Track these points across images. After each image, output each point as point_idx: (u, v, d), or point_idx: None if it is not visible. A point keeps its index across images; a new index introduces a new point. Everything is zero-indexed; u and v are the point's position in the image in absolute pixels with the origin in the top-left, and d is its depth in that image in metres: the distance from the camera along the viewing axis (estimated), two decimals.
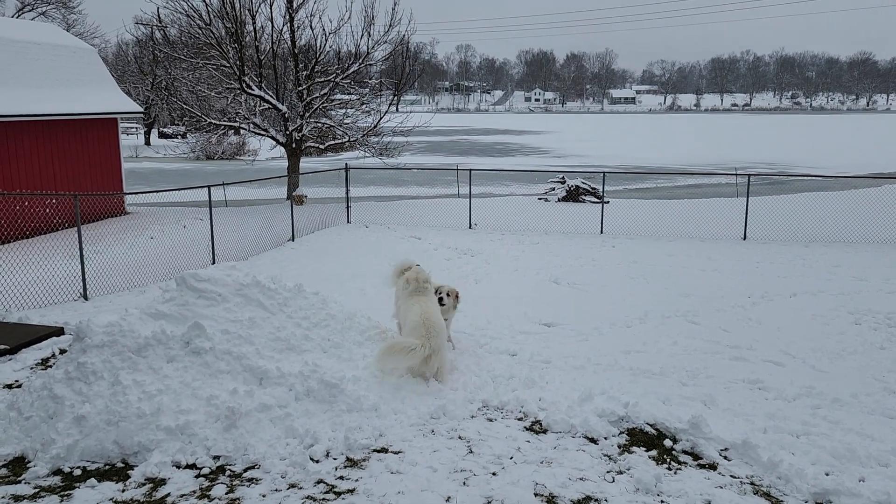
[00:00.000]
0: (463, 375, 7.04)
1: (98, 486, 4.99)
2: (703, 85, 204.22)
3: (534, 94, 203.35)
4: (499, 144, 57.95)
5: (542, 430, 5.96)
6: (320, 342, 6.63)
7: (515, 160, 42.70)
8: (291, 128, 21.14)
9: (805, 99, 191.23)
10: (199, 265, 11.67)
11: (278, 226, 15.99)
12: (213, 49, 20.16)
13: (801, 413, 6.42)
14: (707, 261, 13.42)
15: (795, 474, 5.15)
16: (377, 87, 24.23)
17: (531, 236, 16.22)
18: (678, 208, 19.87)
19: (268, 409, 5.69)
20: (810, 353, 8.17)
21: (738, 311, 10.03)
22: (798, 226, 15.86)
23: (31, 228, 15.25)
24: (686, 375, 7.36)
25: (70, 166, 17.28)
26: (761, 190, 25.82)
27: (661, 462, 5.43)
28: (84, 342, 5.91)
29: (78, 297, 10.69)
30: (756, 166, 35.85)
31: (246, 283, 6.71)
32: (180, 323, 6.19)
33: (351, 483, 5.03)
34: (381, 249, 14.54)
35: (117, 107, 18.84)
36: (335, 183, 20.10)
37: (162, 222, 17.24)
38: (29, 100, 15.98)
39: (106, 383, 5.62)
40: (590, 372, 7.48)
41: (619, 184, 29.27)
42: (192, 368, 5.88)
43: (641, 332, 9.01)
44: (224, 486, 5.00)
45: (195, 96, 22.01)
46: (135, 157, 42.66)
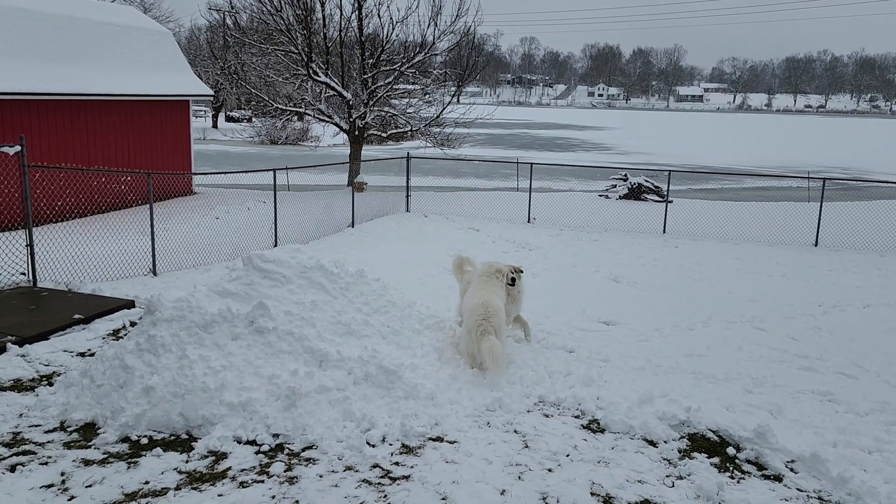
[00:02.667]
0: (520, 370, 6.98)
1: (163, 456, 5.16)
2: (775, 84, 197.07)
3: (597, 90, 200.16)
4: (559, 139, 57.29)
5: (599, 429, 5.87)
6: (380, 328, 6.67)
7: (576, 156, 42.12)
8: (355, 115, 21.35)
9: (885, 102, 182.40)
10: (262, 247, 11.94)
11: (339, 211, 16.20)
12: (282, 35, 20.50)
13: (873, 429, 6.14)
14: (775, 266, 12.97)
15: (867, 492, 4.93)
16: (440, 78, 24.23)
17: (590, 233, 15.99)
18: (745, 211, 19.24)
19: (327, 391, 5.76)
20: (885, 368, 7.81)
21: (808, 319, 9.65)
22: (873, 234, 15.15)
23: (107, 204, 15.86)
24: (751, 383, 7.12)
25: (144, 145, 17.88)
26: (835, 195, 24.77)
27: (723, 470, 5.27)
28: (154, 315, 6.11)
29: (147, 273, 11.06)
30: (830, 170, 34.42)
31: (310, 266, 6.80)
32: (245, 302, 6.32)
33: (406, 469, 5.05)
34: (439, 239, 14.57)
35: (190, 89, 19.38)
36: (395, 171, 20.23)
37: (227, 203, 17.68)
38: (109, 80, 16.59)
39: (174, 356, 5.79)
40: (650, 373, 7.33)
41: (683, 183, 28.54)
42: (255, 347, 6.00)
43: (704, 335, 8.77)
44: (282, 463, 5.09)
45: (263, 81, 22.44)
46: (202, 139, 43.89)
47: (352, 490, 4.76)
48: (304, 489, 4.75)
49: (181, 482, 4.82)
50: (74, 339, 7.63)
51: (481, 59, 27.34)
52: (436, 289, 10.58)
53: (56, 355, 7.14)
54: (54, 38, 15.89)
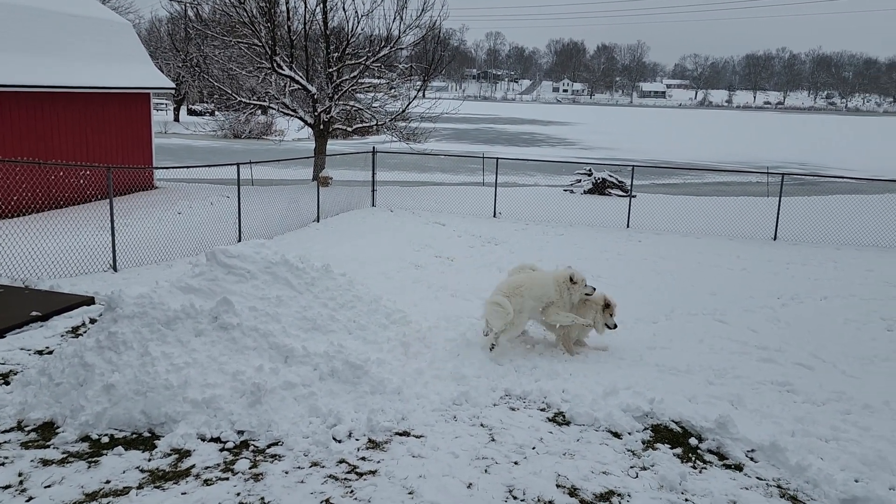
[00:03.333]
0: (485, 364, 7.02)
1: (125, 455, 5.06)
2: (735, 81, 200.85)
3: (562, 85, 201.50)
4: (525, 134, 57.57)
5: (564, 421, 5.93)
6: (346, 323, 6.64)
7: (541, 150, 42.39)
8: (320, 109, 21.16)
9: (840, 99, 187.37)
10: (226, 242, 11.78)
11: (304, 206, 16.05)
12: (245, 28, 20.20)
13: (830, 418, 6.31)
14: (736, 260, 13.23)
15: (824, 479, 5.07)
16: (406, 72, 24.15)
17: (556, 227, 16.11)
18: (707, 205, 19.59)
19: (292, 387, 5.71)
20: (841, 358, 8.03)
21: (767, 311, 9.88)
22: (830, 228, 15.57)
23: (65, 198, 15.46)
24: (713, 374, 7.26)
25: (103, 139, 17.46)
26: (793, 190, 25.35)
27: (685, 460, 5.37)
28: (115, 312, 5.98)
29: (108, 268, 10.82)
30: (788, 166, 35.25)
31: (274, 261, 6.73)
32: (209, 298, 6.23)
33: (373, 464, 5.04)
34: (405, 234, 14.54)
35: (150, 82, 18.98)
36: (361, 166, 20.11)
37: (190, 198, 17.38)
38: (67, 72, 16.15)
39: (135, 353, 5.68)
40: (614, 366, 7.42)
41: (646, 178, 28.93)
42: (219, 343, 5.92)
43: (668, 328, 8.92)
44: (247, 460, 5.03)
45: (226, 74, 22.11)
46: (164, 132, 43.04)
47: (318, 486, 4.73)
48: (270, 486, 4.71)
49: (143, 481, 4.73)
50: (32, 337, 7.43)
51: (447, 53, 27.32)
52: (402, 283, 10.56)
53: (13, 353, 6.95)
54: (10, 29, 15.39)
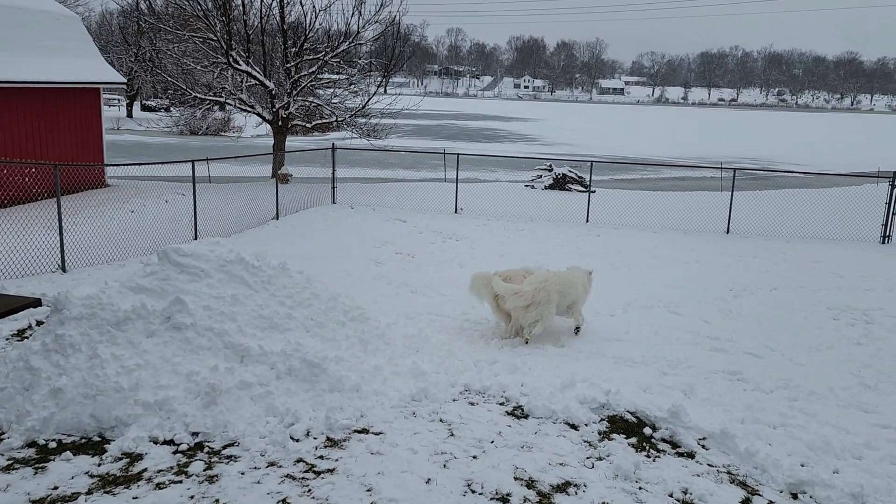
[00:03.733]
0: (445, 359, 7.03)
1: (73, 460, 4.93)
2: (691, 78, 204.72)
3: (523, 81, 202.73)
4: (487, 130, 57.78)
5: (523, 415, 5.98)
6: (303, 321, 6.57)
7: (503, 146, 42.61)
8: (278, 105, 20.89)
9: (791, 96, 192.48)
10: (181, 241, 11.53)
11: (263, 204, 15.84)
12: (199, 21, 19.80)
13: (778, 405, 6.50)
14: (690, 253, 13.50)
15: (772, 464, 5.21)
16: (366, 68, 24.00)
17: (517, 223, 16.22)
18: (663, 200, 19.96)
19: (249, 386, 5.64)
20: (789, 347, 8.26)
21: (720, 303, 10.11)
22: (780, 221, 16.00)
23: (10, 197, 14.96)
24: (667, 365, 7.41)
25: (51, 135, 16.96)
26: (745, 185, 25.99)
27: (640, 449, 5.47)
28: (62, 314, 5.82)
29: (56, 269, 10.52)
30: (741, 161, 36.07)
31: (229, 259, 6.62)
32: (161, 297, 6.11)
33: (331, 463, 5.01)
34: (365, 231, 14.47)
35: (100, 77, 18.48)
36: (321, 163, 19.94)
37: (143, 196, 16.99)
38: (11, 66, 15.62)
39: (84, 356, 5.54)
40: (572, 359, 7.51)
41: (605, 173, 29.31)
42: (172, 344, 5.81)
43: (624, 321, 9.06)
44: (202, 462, 4.96)
45: (180, 69, 21.63)
46: (116, 129, 42.02)
47: (275, 486, 4.69)
48: (225, 487, 4.65)
49: (93, 486, 4.62)
50: None
51: (407, 49, 27.26)
52: (362, 280, 10.52)
53: None
54: None
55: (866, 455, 5.58)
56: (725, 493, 4.88)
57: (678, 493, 4.85)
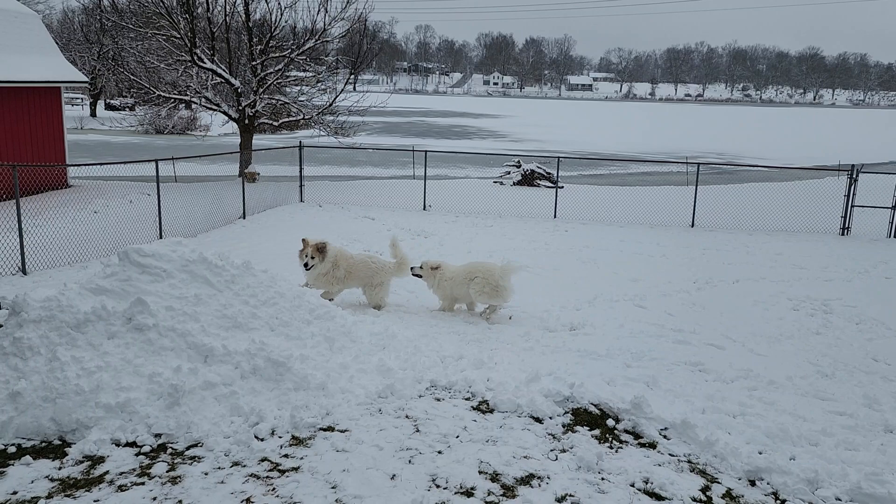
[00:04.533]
0: (412, 355, 7.05)
1: (33, 464, 4.86)
2: (658, 74, 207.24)
3: (492, 78, 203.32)
4: (456, 127, 57.84)
5: (488, 409, 6.03)
6: (268, 320, 6.54)
7: (472, 143, 42.71)
8: (244, 103, 20.68)
9: (755, 91, 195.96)
10: (146, 241, 11.36)
11: (229, 203, 15.69)
12: (162, 19, 19.51)
13: (738, 394, 6.64)
14: (656, 247, 13.71)
15: (730, 453, 5.33)
16: (333, 65, 23.87)
17: (485, 219, 16.30)
18: (630, 195, 20.21)
19: (212, 386, 5.60)
20: (750, 337, 8.44)
21: (684, 296, 10.29)
22: (743, 215, 16.31)
23: None
24: (631, 357, 7.52)
25: (10, 135, 16.58)
26: (710, 179, 26.44)
27: (603, 441, 5.55)
28: (20, 317, 5.72)
29: (16, 272, 10.32)
30: (706, 156, 36.66)
31: (192, 259, 6.56)
32: (122, 299, 6.03)
33: (296, 461, 5.01)
34: (334, 229, 14.41)
35: (61, 75, 18.11)
36: (289, 161, 19.80)
37: (107, 196, 16.71)
38: None
39: (43, 359, 5.45)
40: (538, 353, 7.59)
41: (573, 169, 29.57)
42: (133, 345, 5.74)
43: (590, 314, 9.17)
44: (165, 464, 4.92)
45: (144, 67, 21.30)
46: (79, 128, 41.19)
47: (239, 486, 4.67)
48: (188, 488, 4.62)
49: (53, 490, 4.56)
50: None
51: (375, 46, 27.15)
52: None
53: None
54: None
55: (822, 441, 5.73)
56: (685, 482, 4.98)
57: (640, 482, 4.94)
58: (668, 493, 4.80)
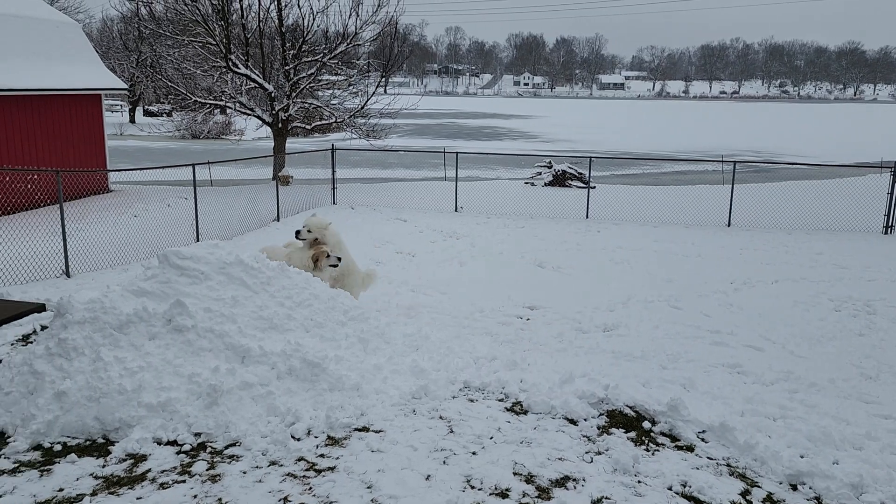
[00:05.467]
0: (445, 356, 7.07)
1: (78, 462, 4.99)
2: (692, 72, 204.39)
3: (523, 79, 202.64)
4: (486, 128, 57.79)
5: (522, 410, 6.01)
6: (303, 321, 6.62)
7: (503, 144, 42.64)
8: (278, 107, 20.96)
9: (793, 88, 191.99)
10: (183, 244, 11.56)
11: (263, 206, 15.90)
12: (198, 26, 19.88)
13: (778, 397, 6.52)
14: (691, 247, 13.52)
15: (771, 456, 5.24)
16: (365, 69, 24.06)
17: (517, 220, 16.25)
18: (664, 195, 19.96)
19: (250, 387, 5.69)
20: (790, 339, 8.28)
21: (721, 296, 10.12)
22: (782, 213, 16.00)
23: (13, 204, 15.06)
24: (666, 359, 7.43)
25: (53, 142, 17.05)
26: (747, 177, 25.98)
27: (639, 443, 5.50)
28: (65, 318, 5.87)
29: (60, 274, 10.60)
30: (742, 154, 36.03)
31: (229, 261, 6.67)
32: (162, 300, 6.16)
33: (332, 461, 5.06)
34: (366, 231, 14.51)
35: (101, 83, 18.56)
36: (321, 164, 19.99)
37: (146, 201, 17.08)
38: (11, 74, 15.71)
39: (87, 359, 5.60)
40: (571, 354, 7.55)
41: (605, 169, 29.33)
42: (173, 346, 5.86)
43: (624, 315, 9.08)
44: (205, 462, 5.01)
45: (180, 74, 21.73)
46: (119, 134, 42.16)
47: (276, 484, 4.73)
48: (228, 486, 4.70)
49: (97, 487, 4.68)
50: None
51: (405, 48, 27.30)
52: None
53: None
54: None
55: (866, 445, 5.59)
56: (725, 486, 4.91)
57: (677, 486, 4.88)
58: (707, 497, 4.74)
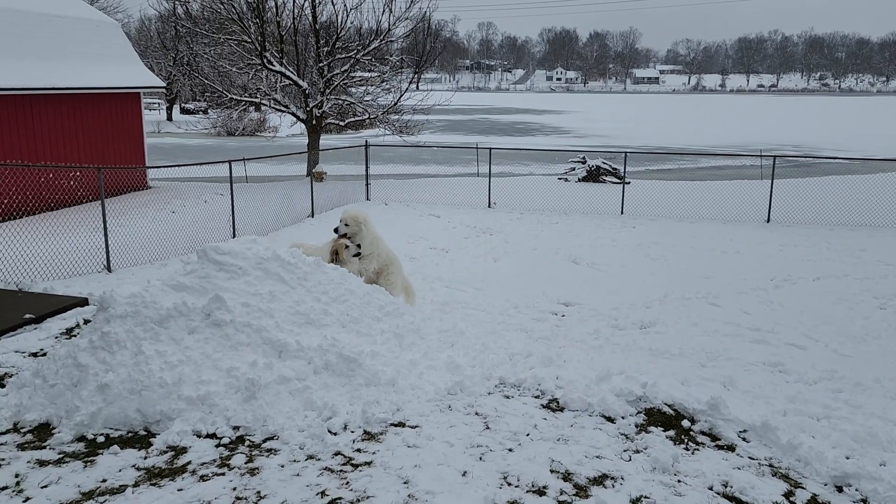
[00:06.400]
0: (480, 353, 7.05)
1: (121, 453, 5.08)
2: (728, 65, 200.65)
3: (555, 74, 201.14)
4: (519, 124, 57.52)
5: (558, 408, 5.96)
6: (339, 317, 6.65)
7: (535, 139, 42.39)
8: (312, 104, 21.11)
9: (833, 80, 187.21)
10: (220, 239, 11.77)
11: (298, 202, 16.05)
12: (234, 24, 20.13)
13: (822, 396, 6.36)
14: (729, 243, 13.27)
15: (815, 457, 5.11)
16: (398, 65, 24.10)
17: (550, 216, 16.14)
18: (700, 190, 19.63)
19: (287, 381, 5.73)
20: (833, 337, 8.08)
21: (760, 293, 9.92)
22: (823, 209, 15.61)
23: (56, 201, 15.45)
24: (705, 357, 7.30)
25: (94, 140, 17.43)
26: (786, 172, 25.41)
27: (678, 442, 5.41)
28: (108, 312, 5.99)
29: (102, 269, 10.83)
30: (782, 148, 35.26)
31: (266, 256, 6.73)
32: (201, 295, 6.24)
33: (368, 455, 5.07)
34: (399, 227, 14.54)
35: (140, 81, 18.93)
36: (355, 160, 20.11)
37: (183, 197, 17.37)
38: (53, 73, 16.10)
39: (129, 353, 5.70)
40: (608, 352, 7.46)
41: (640, 164, 28.97)
42: (212, 340, 5.93)
43: (661, 312, 8.96)
44: (243, 455, 5.06)
45: (216, 72, 22.02)
46: (157, 132, 42.95)
47: (314, 478, 4.76)
48: (266, 480, 4.74)
49: (139, 479, 4.76)
50: (26, 340, 7.45)
51: (438, 44, 27.26)
52: None
53: (7, 356, 6.96)
54: None
55: None
56: (767, 486, 4.80)
57: (718, 485, 4.78)
58: (749, 498, 4.64)
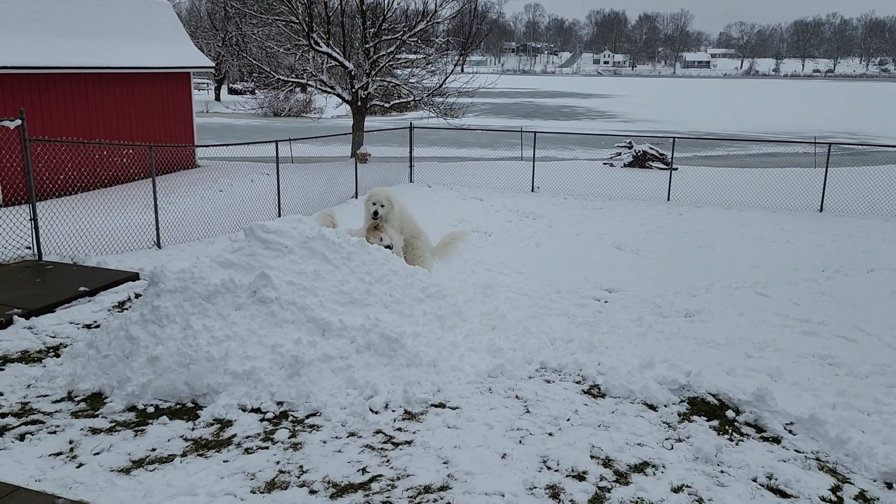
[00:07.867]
0: (521, 336, 7.03)
1: (169, 424, 5.24)
2: (783, 49, 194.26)
3: (603, 57, 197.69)
4: (564, 107, 56.79)
5: (600, 394, 5.92)
6: (382, 297, 6.71)
7: (581, 124, 41.82)
8: (357, 86, 21.19)
9: (894, 66, 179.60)
10: (266, 218, 11.92)
11: (342, 183, 16.17)
12: (282, 5, 20.29)
13: (873, 391, 6.18)
14: (780, 232, 12.93)
15: (865, 452, 4.98)
16: (443, 47, 23.99)
17: (595, 201, 15.94)
18: (750, 177, 19.13)
19: (330, 359, 5.82)
20: (886, 331, 7.82)
21: (811, 284, 9.65)
22: (879, 199, 15.06)
23: (110, 177, 15.88)
24: (752, 347, 7.15)
25: (146, 118, 17.83)
26: (841, 161, 24.55)
27: (722, 432, 5.33)
28: (158, 287, 6.15)
29: (152, 245, 11.12)
30: (837, 136, 34.07)
31: (311, 235, 6.82)
32: (248, 272, 6.36)
33: (409, 435, 5.13)
34: (442, 209, 14.55)
35: (190, 61, 19.25)
36: (399, 142, 20.12)
37: (231, 176, 17.67)
38: (109, 52, 16.49)
39: (178, 327, 5.85)
40: (651, 339, 7.37)
41: (688, 150, 28.34)
42: (258, 317, 6.05)
43: (707, 301, 8.79)
44: (287, 430, 5.17)
45: (264, 53, 22.27)
46: (205, 112, 43.68)
47: (355, 455, 4.84)
48: (308, 455, 4.83)
49: (187, 449, 4.90)
50: (80, 312, 7.71)
51: (484, 26, 27.05)
52: None
53: (62, 327, 7.22)
54: (52, 11, 15.76)
55: None
56: (813, 480, 4.70)
57: (762, 477, 4.70)
58: (794, 491, 4.55)
